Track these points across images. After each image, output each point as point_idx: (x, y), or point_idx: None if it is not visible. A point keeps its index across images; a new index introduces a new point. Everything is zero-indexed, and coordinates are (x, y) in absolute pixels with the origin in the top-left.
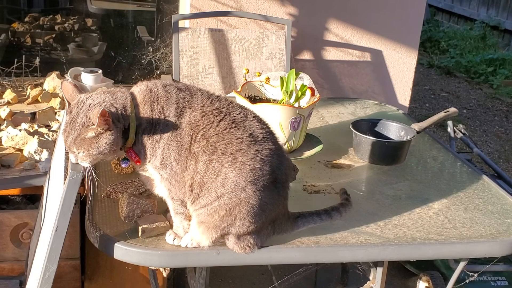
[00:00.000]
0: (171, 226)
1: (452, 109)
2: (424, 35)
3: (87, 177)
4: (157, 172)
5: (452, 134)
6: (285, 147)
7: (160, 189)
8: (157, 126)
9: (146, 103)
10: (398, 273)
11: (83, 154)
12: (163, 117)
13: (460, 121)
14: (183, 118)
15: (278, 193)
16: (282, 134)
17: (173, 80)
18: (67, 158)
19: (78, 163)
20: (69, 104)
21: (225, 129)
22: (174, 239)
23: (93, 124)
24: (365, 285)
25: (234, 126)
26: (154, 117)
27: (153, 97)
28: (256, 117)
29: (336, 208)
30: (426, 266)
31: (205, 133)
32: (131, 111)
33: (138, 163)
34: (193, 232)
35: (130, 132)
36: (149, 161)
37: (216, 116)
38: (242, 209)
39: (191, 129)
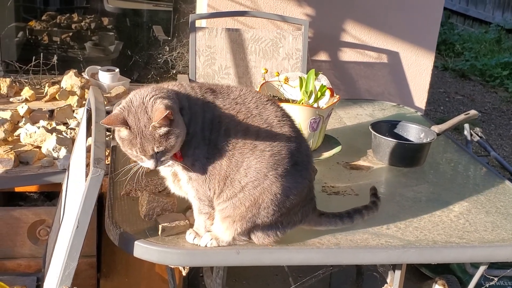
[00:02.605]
0: (191, 225)
1: (472, 112)
2: (438, 38)
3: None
4: (186, 173)
5: (469, 137)
6: None
7: (187, 189)
8: (189, 126)
9: (179, 97)
10: (413, 276)
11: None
12: (190, 115)
13: (475, 124)
14: (206, 114)
15: (301, 176)
16: None
17: (189, 80)
18: (87, 156)
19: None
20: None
21: (242, 120)
22: (195, 238)
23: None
24: None
25: (251, 115)
26: (186, 111)
27: (180, 95)
28: (269, 100)
29: (359, 210)
30: (442, 270)
31: (227, 127)
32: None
33: (180, 160)
34: (217, 229)
35: None
36: (180, 162)
37: (234, 109)
38: (266, 198)
39: (216, 123)
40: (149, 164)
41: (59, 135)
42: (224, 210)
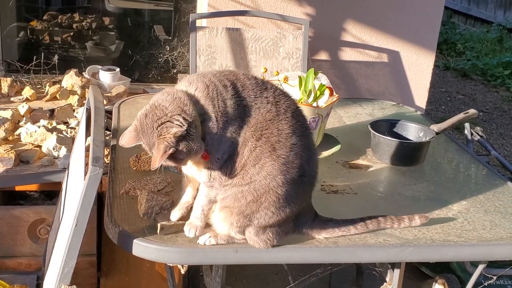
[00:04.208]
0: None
1: (472, 111)
2: (440, 37)
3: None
4: (208, 171)
5: (469, 137)
6: None
7: (200, 174)
8: (220, 121)
9: (207, 99)
10: (413, 275)
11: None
12: (225, 113)
13: (477, 123)
14: (238, 110)
15: (303, 188)
16: None
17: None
18: (87, 155)
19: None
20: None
21: (270, 120)
22: (190, 229)
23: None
24: (381, 286)
25: (277, 117)
26: (217, 113)
27: (212, 93)
28: (297, 108)
29: (375, 218)
30: (442, 269)
31: (257, 123)
32: (193, 110)
33: (206, 159)
34: (214, 219)
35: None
36: (211, 156)
37: (265, 106)
38: (269, 198)
39: (248, 119)
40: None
41: (59, 134)
42: (225, 199)
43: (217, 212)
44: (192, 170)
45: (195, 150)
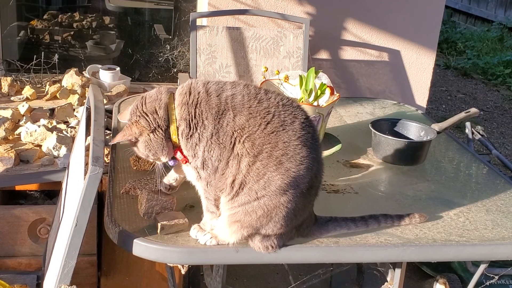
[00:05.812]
0: (190, 222)
1: (473, 110)
2: (440, 36)
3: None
4: (196, 172)
5: (470, 136)
6: None
7: (197, 186)
8: (195, 129)
9: (183, 106)
10: (414, 275)
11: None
12: (201, 120)
13: (477, 123)
14: (224, 120)
15: (309, 200)
16: None
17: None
18: (87, 155)
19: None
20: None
21: (272, 132)
22: (198, 232)
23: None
24: (382, 286)
25: (282, 129)
26: (192, 120)
27: (191, 100)
28: (306, 118)
29: (375, 216)
30: (443, 269)
31: (251, 135)
32: (169, 113)
33: (185, 162)
34: (222, 232)
35: (171, 133)
36: (190, 162)
37: (264, 118)
38: (279, 213)
39: (235, 131)
40: None
41: (59, 134)
42: (235, 214)
43: (225, 226)
44: (190, 176)
45: (156, 149)
